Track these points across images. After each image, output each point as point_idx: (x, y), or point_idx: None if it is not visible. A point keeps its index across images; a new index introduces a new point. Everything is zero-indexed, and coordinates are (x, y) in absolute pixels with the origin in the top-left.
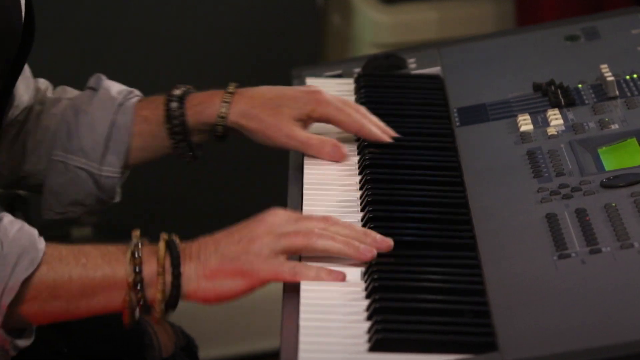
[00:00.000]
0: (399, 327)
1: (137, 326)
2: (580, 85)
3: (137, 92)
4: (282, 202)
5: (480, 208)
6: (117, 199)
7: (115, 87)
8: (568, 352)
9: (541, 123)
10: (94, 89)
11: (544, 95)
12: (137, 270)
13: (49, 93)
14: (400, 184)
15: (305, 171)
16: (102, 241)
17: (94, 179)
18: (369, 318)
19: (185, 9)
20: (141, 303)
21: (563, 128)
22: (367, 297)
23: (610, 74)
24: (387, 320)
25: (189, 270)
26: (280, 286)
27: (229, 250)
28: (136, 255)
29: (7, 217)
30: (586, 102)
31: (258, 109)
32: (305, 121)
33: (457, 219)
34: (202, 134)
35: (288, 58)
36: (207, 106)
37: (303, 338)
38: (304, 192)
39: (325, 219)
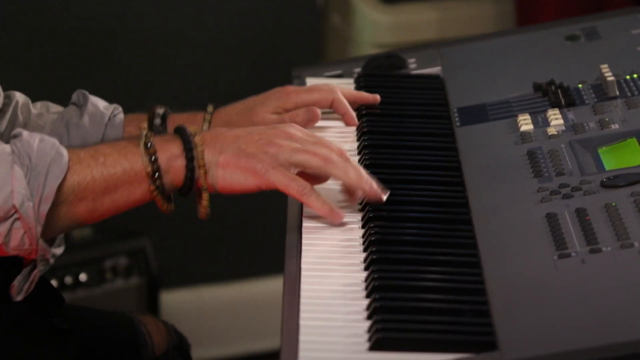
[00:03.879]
0: (399, 327)
1: (131, 325)
2: (580, 85)
3: (120, 108)
4: (282, 201)
5: (480, 208)
6: None
7: (101, 103)
8: (568, 351)
9: (541, 123)
10: (79, 105)
11: (544, 95)
12: (152, 159)
13: (31, 107)
14: (400, 184)
15: None
16: (101, 242)
17: None
18: (369, 317)
19: (186, 10)
20: (160, 190)
21: (563, 128)
22: (368, 296)
23: (610, 74)
24: (388, 320)
25: (205, 156)
26: (280, 286)
27: (247, 146)
28: (149, 145)
29: (25, 131)
30: (586, 102)
31: (235, 117)
32: (281, 115)
33: (457, 219)
34: None
35: (288, 58)
36: (190, 125)
37: (303, 337)
38: None
39: (341, 151)
